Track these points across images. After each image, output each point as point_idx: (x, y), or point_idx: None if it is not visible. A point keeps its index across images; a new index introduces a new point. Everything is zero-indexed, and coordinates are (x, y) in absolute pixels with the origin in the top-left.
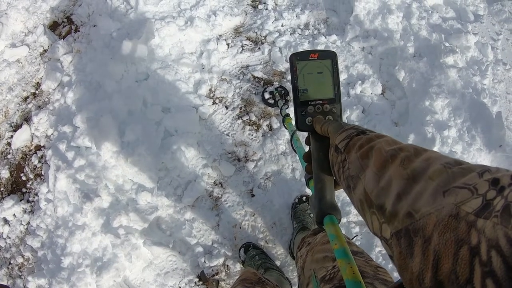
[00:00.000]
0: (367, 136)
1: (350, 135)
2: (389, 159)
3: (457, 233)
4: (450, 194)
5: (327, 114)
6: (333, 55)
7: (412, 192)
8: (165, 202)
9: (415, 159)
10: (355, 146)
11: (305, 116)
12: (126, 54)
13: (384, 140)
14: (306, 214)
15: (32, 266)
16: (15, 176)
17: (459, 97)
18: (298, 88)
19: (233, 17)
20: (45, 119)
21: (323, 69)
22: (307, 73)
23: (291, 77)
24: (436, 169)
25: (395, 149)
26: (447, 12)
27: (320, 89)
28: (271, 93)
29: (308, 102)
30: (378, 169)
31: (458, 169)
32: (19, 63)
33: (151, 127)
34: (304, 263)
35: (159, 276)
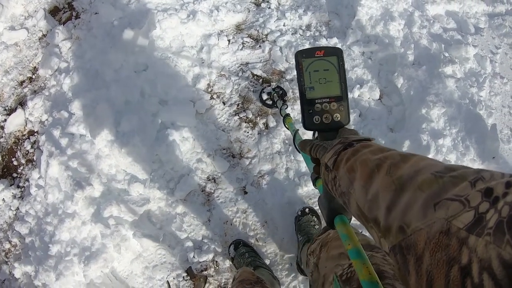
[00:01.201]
0: (353, 149)
1: (337, 151)
2: (374, 169)
3: (448, 251)
4: (441, 207)
5: (335, 112)
6: (339, 52)
7: (401, 203)
8: (157, 194)
9: (402, 165)
10: (342, 161)
11: (312, 114)
12: (126, 44)
13: (369, 150)
14: (310, 226)
15: (19, 253)
16: (6, 160)
17: (456, 107)
18: (304, 86)
19: (236, 14)
20: (40, 104)
21: (329, 67)
22: (313, 71)
23: (297, 75)
24: (425, 179)
25: (381, 157)
26: (448, 22)
27: (327, 87)
28: (269, 94)
29: (315, 100)
30: (365, 181)
31: (449, 178)
32: (17, 47)
33: (147, 119)
34: (319, 259)
35: (147, 269)
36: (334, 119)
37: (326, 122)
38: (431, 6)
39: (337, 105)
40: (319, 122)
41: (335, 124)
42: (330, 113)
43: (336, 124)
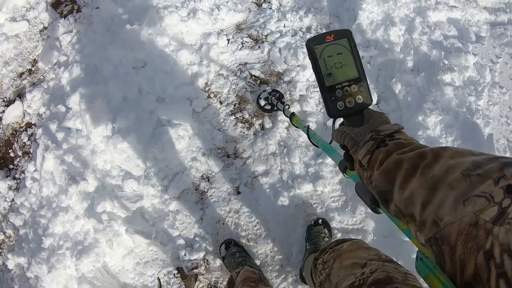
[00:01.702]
0: (386, 149)
1: (370, 150)
2: (410, 171)
3: (477, 241)
4: (470, 203)
5: (356, 94)
6: (349, 34)
7: (435, 200)
8: (150, 191)
9: (435, 164)
10: (377, 162)
11: (335, 101)
12: (126, 40)
13: (402, 151)
14: (320, 238)
15: (12, 244)
16: (3, 151)
17: (453, 115)
18: (322, 73)
19: (236, 13)
20: (38, 97)
21: (342, 50)
22: (327, 57)
23: (312, 64)
24: (455, 178)
25: (415, 158)
26: (449, 30)
27: (343, 71)
28: (266, 99)
29: (335, 86)
30: (402, 182)
31: (476, 177)
32: (18, 38)
33: (144, 116)
34: (331, 270)
35: (139, 265)
36: (357, 101)
37: (349, 106)
38: (433, 12)
39: (357, 87)
40: (343, 107)
41: (359, 107)
42: (353, 96)
43: (360, 107)
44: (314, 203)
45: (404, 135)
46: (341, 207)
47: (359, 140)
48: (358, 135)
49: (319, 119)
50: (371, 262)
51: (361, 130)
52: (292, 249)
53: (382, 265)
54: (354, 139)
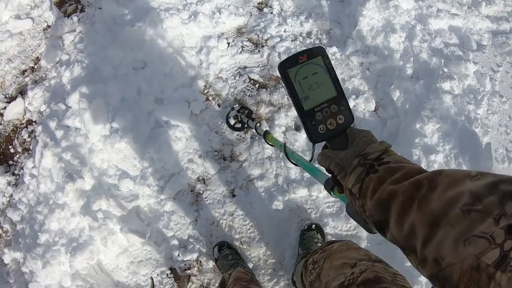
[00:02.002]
0: (377, 176)
1: (360, 177)
2: (406, 204)
3: (479, 285)
4: (470, 244)
5: (337, 115)
6: (322, 51)
7: (436, 238)
8: (146, 191)
9: (431, 195)
10: (369, 191)
11: (316, 125)
12: (126, 41)
13: (394, 178)
14: (313, 243)
15: (9, 239)
16: (3, 147)
17: (451, 124)
18: (299, 97)
19: (237, 17)
20: (39, 95)
21: (317, 69)
22: (302, 79)
23: (287, 88)
24: (455, 215)
25: (410, 189)
26: (450, 38)
27: (321, 91)
28: (235, 117)
29: (314, 109)
30: (399, 215)
31: (475, 214)
32: (22, 36)
33: (142, 116)
34: (321, 269)
35: (133, 264)
36: (338, 122)
37: (331, 128)
38: (434, 20)
39: (337, 107)
40: (325, 130)
41: (341, 127)
42: (333, 117)
43: (342, 127)
44: (309, 208)
45: (392, 155)
46: (335, 213)
47: (346, 165)
48: (344, 160)
49: None
50: (361, 262)
51: (347, 154)
52: (285, 253)
53: (371, 265)
54: (340, 165)
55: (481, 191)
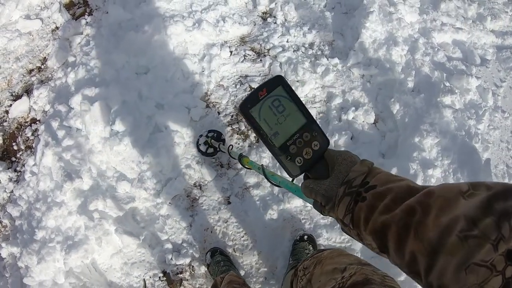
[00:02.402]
0: (366, 204)
1: (349, 208)
2: (402, 233)
3: None
4: (472, 272)
5: (312, 141)
6: (280, 80)
7: (437, 266)
8: (143, 194)
9: (426, 221)
10: (361, 221)
11: (292, 159)
12: (130, 45)
13: (384, 204)
14: (303, 254)
15: (8, 234)
16: (7, 144)
17: (450, 138)
18: (268, 136)
19: (241, 26)
20: (45, 95)
21: (280, 101)
22: (267, 115)
23: (254, 130)
24: (453, 243)
25: (404, 217)
26: (454, 52)
27: (289, 123)
28: (205, 143)
29: (286, 143)
30: (397, 245)
31: (473, 241)
32: (30, 36)
33: (142, 120)
34: (312, 275)
35: (126, 265)
36: (314, 149)
37: (308, 157)
38: (438, 34)
39: (309, 134)
40: (302, 162)
41: (318, 154)
42: (308, 146)
43: (319, 153)
44: (303, 218)
45: (377, 176)
46: (329, 224)
47: (332, 195)
48: (329, 190)
49: None
50: (351, 266)
51: (330, 183)
52: (277, 262)
53: (360, 269)
54: (326, 196)
55: (476, 213)
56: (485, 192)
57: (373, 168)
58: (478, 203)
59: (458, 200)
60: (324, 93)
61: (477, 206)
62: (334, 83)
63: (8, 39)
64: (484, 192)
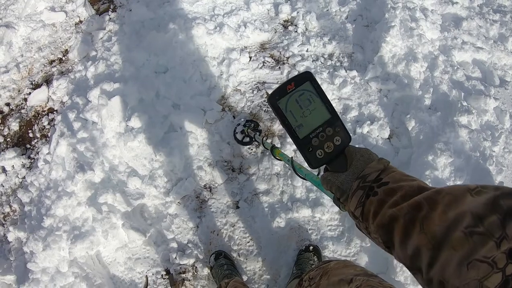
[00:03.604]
0: (377, 199)
1: (360, 201)
2: (408, 226)
3: None
4: (473, 268)
5: (334, 137)
6: (308, 76)
7: (440, 260)
8: (153, 192)
9: (432, 215)
10: (370, 214)
11: (313, 151)
12: (151, 44)
13: (394, 200)
14: (308, 264)
15: (16, 218)
16: (23, 131)
17: (464, 159)
18: (292, 127)
19: (262, 32)
20: (64, 86)
21: (307, 95)
22: (293, 108)
23: (280, 120)
24: (457, 238)
25: (411, 212)
26: (473, 71)
27: (314, 116)
28: (242, 132)
29: (309, 136)
30: (402, 238)
31: (477, 237)
32: (54, 27)
33: (157, 119)
34: (318, 286)
35: (130, 260)
36: (335, 144)
37: (329, 151)
38: (458, 52)
39: (332, 129)
40: (323, 155)
41: (339, 149)
42: (330, 140)
43: (340, 148)
44: (310, 228)
45: (391, 174)
46: (336, 237)
47: (346, 188)
48: (344, 183)
49: None
50: (357, 277)
51: (347, 177)
52: (280, 271)
53: (367, 280)
54: (341, 188)
55: (482, 210)
56: (492, 191)
57: (389, 167)
58: (485, 200)
59: (465, 197)
60: (341, 104)
61: (484, 203)
62: (351, 96)
63: (32, 29)
64: (491, 191)
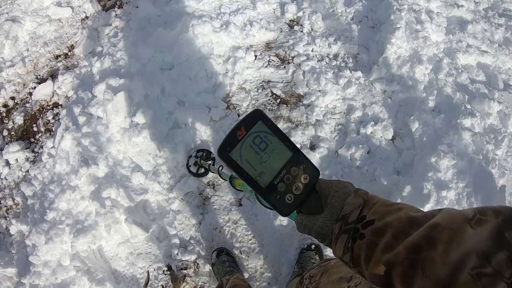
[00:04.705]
0: (366, 241)
1: (347, 246)
2: (409, 272)
3: None
4: None
5: (300, 176)
6: (259, 114)
7: None
8: (156, 187)
9: (433, 256)
10: (361, 259)
11: (281, 198)
12: (157, 41)
13: (385, 241)
14: (309, 263)
15: (19, 211)
16: (27, 125)
17: (467, 161)
18: (252, 178)
19: (268, 32)
20: (69, 81)
21: (261, 136)
22: (249, 156)
23: (237, 173)
24: (465, 282)
25: (409, 256)
26: (477, 74)
27: (274, 159)
28: (195, 164)
29: (273, 182)
30: (404, 285)
31: (486, 280)
32: (60, 22)
33: (162, 115)
34: (318, 284)
35: (132, 255)
36: (304, 183)
37: (298, 193)
38: (462, 55)
39: (297, 168)
40: (293, 199)
41: (308, 187)
42: (298, 181)
43: (309, 186)
44: None
45: (373, 207)
46: None
47: (327, 233)
48: (324, 227)
49: (331, 146)
50: (356, 275)
51: (324, 220)
52: (281, 269)
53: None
54: (321, 234)
55: (487, 247)
56: (493, 219)
57: (369, 199)
58: (488, 234)
59: (465, 231)
60: (345, 105)
61: (488, 238)
62: (355, 96)
63: (38, 23)
64: (492, 218)
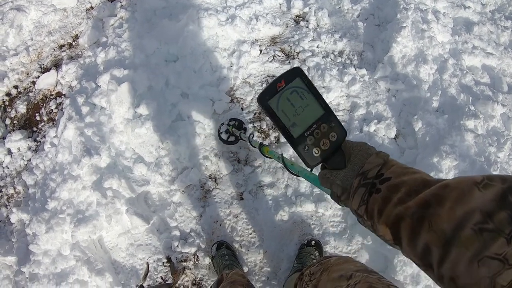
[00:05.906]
0: (381, 196)
1: (363, 199)
2: (416, 225)
3: None
4: (484, 265)
5: (329, 133)
6: (298, 71)
7: (450, 258)
8: (158, 179)
9: (440, 211)
10: (375, 212)
11: (309, 150)
12: (163, 33)
13: (399, 197)
14: (309, 258)
15: (20, 200)
16: (30, 114)
17: (469, 163)
18: (286, 127)
19: (274, 26)
20: (73, 70)
21: (298, 92)
22: (285, 106)
23: (272, 120)
24: (467, 236)
25: (418, 211)
26: (482, 76)
27: (307, 114)
28: (227, 132)
29: (304, 134)
30: (410, 237)
31: (487, 234)
32: (65, 12)
33: (166, 107)
34: (318, 281)
35: (132, 246)
36: (331, 140)
37: (325, 148)
38: (468, 56)
39: (327, 125)
40: (319, 152)
41: (335, 145)
42: (326, 137)
43: (336, 144)
44: (313, 223)
45: (392, 167)
46: (338, 233)
47: (347, 186)
48: (344, 180)
49: None
50: (356, 273)
51: (346, 174)
52: (281, 264)
53: (366, 277)
54: (341, 186)
55: (491, 207)
56: (499, 184)
57: (389, 160)
58: (493, 196)
59: (473, 192)
60: (349, 102)
61: (492, 199)
62: (359, 94)
63: (42, 13)
64: (499, 183)
